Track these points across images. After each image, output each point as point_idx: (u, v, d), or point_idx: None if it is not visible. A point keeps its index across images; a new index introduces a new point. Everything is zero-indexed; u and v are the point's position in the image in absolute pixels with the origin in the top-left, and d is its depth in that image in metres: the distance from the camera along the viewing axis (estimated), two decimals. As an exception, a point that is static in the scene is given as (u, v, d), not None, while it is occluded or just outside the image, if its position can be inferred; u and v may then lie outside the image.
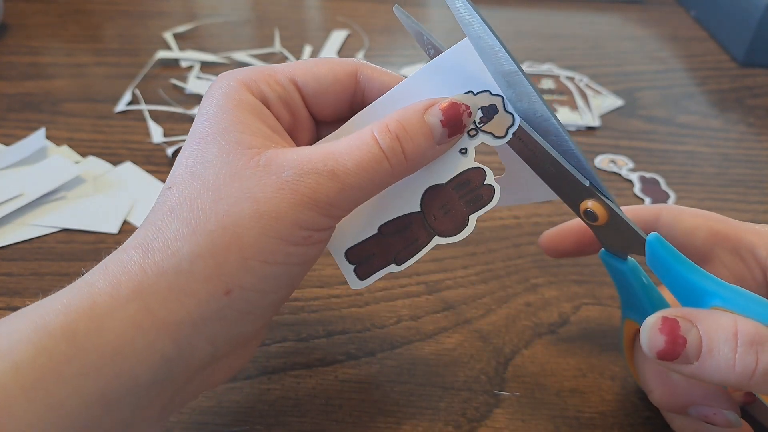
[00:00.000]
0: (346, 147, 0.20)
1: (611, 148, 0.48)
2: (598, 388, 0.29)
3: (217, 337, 0.20)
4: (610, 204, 0.23)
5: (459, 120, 0.22)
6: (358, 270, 0.25)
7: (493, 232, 0.39)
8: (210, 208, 0.19)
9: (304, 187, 0.20)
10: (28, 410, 0.17)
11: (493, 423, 0.28)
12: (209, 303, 0.19)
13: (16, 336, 0.17)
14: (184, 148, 0.21)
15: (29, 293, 0.33)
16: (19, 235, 0.36)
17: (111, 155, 0.44)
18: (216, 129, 0.21)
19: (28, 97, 0.51)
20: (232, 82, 0.22)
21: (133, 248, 0.19)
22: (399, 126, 0.21)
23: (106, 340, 0.18)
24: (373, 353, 0.30)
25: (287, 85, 0.23)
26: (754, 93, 0.57)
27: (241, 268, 0.19)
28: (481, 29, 0.22)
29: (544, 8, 0.74)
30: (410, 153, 0.21)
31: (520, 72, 0.22)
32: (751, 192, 0.44)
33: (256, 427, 0.27)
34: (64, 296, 0.19)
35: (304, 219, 0.20)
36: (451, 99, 0.22)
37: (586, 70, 0.59)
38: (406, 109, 0.22)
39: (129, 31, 0.64)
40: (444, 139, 0.22)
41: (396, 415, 0.28)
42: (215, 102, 0.22)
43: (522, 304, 0.34)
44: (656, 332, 0.21)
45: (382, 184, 0.21)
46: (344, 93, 0.24)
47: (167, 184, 0.21)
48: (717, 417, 0.23)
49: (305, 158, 0.20)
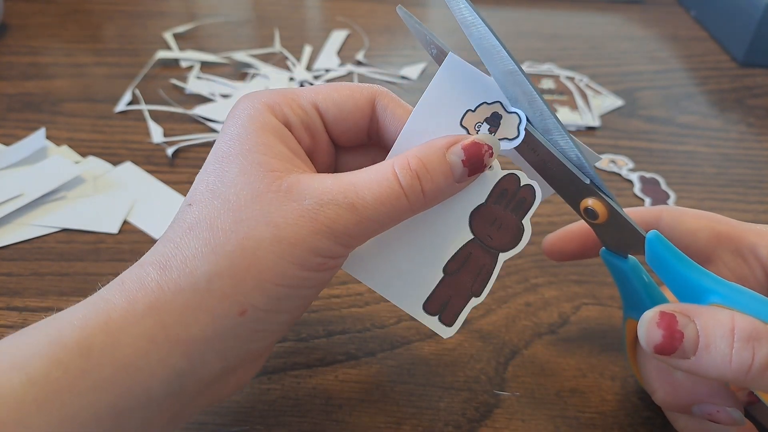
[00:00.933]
0: (367, 181, 0.21)
1: (611, 148, 0.48)
2: (598, 388, 0.29)
3: (229, 353, 0.21)
4: (610, 202, 0.23)
5: (480, 160, 0.22)
6: (443, 318, 0.25)
7: (493, 232, 0.39)
8: (230, 229, 0.20)
9: (323, 217, 0.20)
10: (42, 422, 0.17)
11: (493, 423, 0.28)
12: (224, 321, 0.20)
13: (32, 349, 0.18)
14: (205, 166, 0.22)
15: (29, 293, 0.33)
16: (19, 235, 0.36)
17: (111, 155, 0.44)
18: (239, 149, 0.21)
19: (28, 97, 0.51)
20: (257, 104, 0.22)
21: (150, 264, 0.20)
22: (419, 163, 0.21)
23: (120, 354, 0.18)
24: (373, 353, 0.30)
25: (309, 110, 0.24)
26: (754, 93, 0.57)
27: (257, 289, 0.20)
28: (482, 30, 0.22)
29: (544, 8, 0.74)
30: (429, 191, 0.22)
31: (521, 72, 0.22)
32: (751, 192, 0.44)
33: (256, 426, 0.27)
34: (79, 311, 0.19)
35: (321, 247, 0.20)
36: (474, 138, 0.22)
37: (586, 70, 0.59)
38: (429, 145, 0.22)
39: (129, 31, 0.64)
40: (464, 178, 0.22)
41: (396, 415, 0.28)
42: (239, 123, 0.22)
43: (522, 304, 0.34)
44: (654, 326, 0.21)
45: (399, 218, 0.22)
46: (363, 119, 0.25)
47: (187, 201, 0.21)
48: (721, 414, 0.24)
49: (326, 188, 0.21)
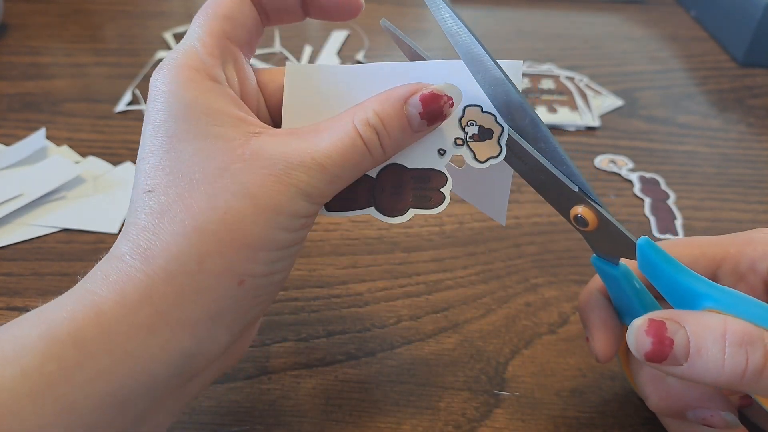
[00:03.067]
0: (330, 140, 0.21)
1: (611, 148, 0.48)
2: (598, 388, 0.29)
3: (235, 325, 0.21)
4: (599, 209, 0.23)
5: (439, 111, 0.22)
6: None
7: (492, 232, 0.39)
8: (207, 207, 0.19)
9: (297, 180, 0.20)
10: (37, 414, 0.17)
11: (493, 423, 0.28)
12: (225, 296, 0.20)
13: (23, 341, 0.18)
14: (150, 150, 0.21)
15: (29, 293, 0.33)
16: (20, 235, 0.37)
17: (111, 155, 0.44)
18: (185, 125, 0.20)
19: (28, 97, 0.51)
20: (180, 69, 0.21)
21: (129, 255, 0.19)
22: (377, 120, 0.21)
23: (116, 345, 0.18)
24: (373, 353, 0.30)
25: (223, 44, 0.22)
26: (754, 93, 0.57)
27: (250, 260, 0.20)
28: (467, 39, 0.22)
29: (544, 8, 0.74)
30: (387, 145, 0.22)
31: (508, 81, 0.22)
32: (751, 192, 0.44)
33: (256, 427, 0.27)
34: (67, 304, 0.19)
35: (299, 209, 0.21)
36: (434, 89, 0.21)
37: (586, 70, 0.59)
38: (387, 96, 0.22)
39: (129, 31, 0.64)
40: (422, 128, 0.22)
41: (396, 415, 0.28)
42: (172, 97, 0.21)
43: (522, 304, 0.34)
44: (642, 334, 0.21)
45: (363, 171, 0.22)
46: (255, 15, 0.24)
47: (144, 188, 0.20)
48: (715, 419, 0.24)
49: (293, 151, 0.21)
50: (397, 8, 0.72)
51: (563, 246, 0.38)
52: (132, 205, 0.21)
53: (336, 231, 0.38)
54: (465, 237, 0.38)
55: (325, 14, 0.25)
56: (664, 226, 0.40)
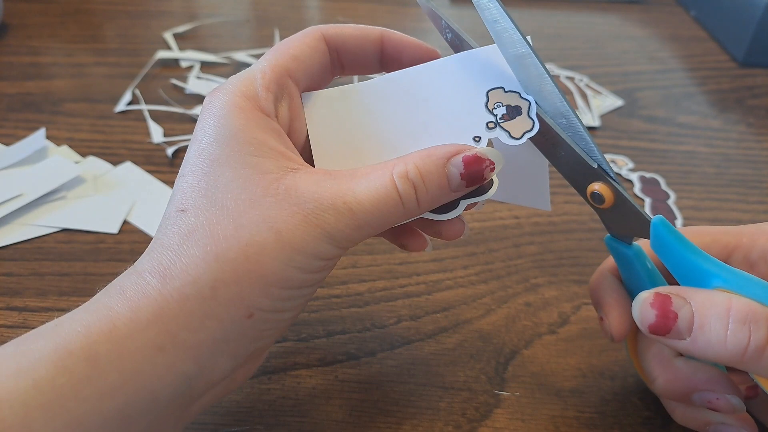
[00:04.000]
0: (365, 187, 0.21)
1: (611, 148, 0.48)
2: (597, 388, 0.29)
3: (238, 353, 0.21)
4: (617, 186, 0.23)
5: (480, 174, 0.22)
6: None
7: (493, 232, 0.39)
8: (231, 236, 0.20)
9: (324, 222, 0.20)
10: (47, 427, 0.17)
11: (493, 423, 0.28)
12: (232, 325, 0.20)
13: (36, 355, 0.18)
14: (191, 169, 0.21)
15: (29, 293, 0.33)
16: (20, 235, 0.37)
17: (111, 155, 0.44)
18: (228, 152, 0.21)
19: (28, 97, 0.51)
20: (233, 97, 0.22)
21: (149, 273, 0.20)
22: (417, 174, 0.21)
23: (126, 362, 0.18)
24: (373, 353, 0.30)
25: (282, 80, 0.23)
26: (754, 93, 0.57)
27: (262, 294, 0.20)
28: (496, 12, 0.22)
29: (544, 8, 0.74)
30: (423, 201, 0.22)
31: (534, 54, 0.22)
32: (751, 192, 0.44)
33: (257, 426, 0.27)
34: (82, 318, 0.19)
35: (322, 251, 0.21)
36: (477, 152, 0.22)
37: (586, 70, 0.59)
38: (429, 153, 0.22)
39: (129, 31, 0.64)
40: (461, 189, 0.22)
41: (396, 415, 0.28)
42: (221, 122, 0.21)
43: (522, 304, 0.34)
44: (647, 306, 0.21)
45: (393, 222, 0.22)
46: (326, 62, 0.25)
47: (178, 206, 0.21)
48: (720, 402, 0.24)
49: (325, 192, 0.21)
50: (398, 8, 0.72)
51: (563, 246, 0.38)
52: (163, 221, 0.21)
53: (336, 231, 0.38)
54: (465, 237, 0.38)
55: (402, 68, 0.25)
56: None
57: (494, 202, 0.41)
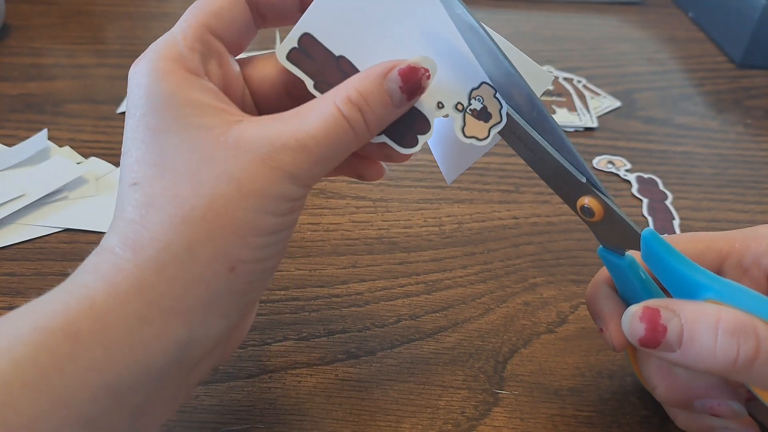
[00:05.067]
0: (314, 121, 0.21)
1: (609, 149, 0.48)
2: (596, 387, 0.30)
3: (229, 311, 0.21)
4: (606, 200, 0.23)
5: (418, 84, 0.22)
6: (292, 52, 0.23)
7: (491, 232, 0.39)
8: (192, 196, 0.19)
9: (282, 163, 0.20)
10: (31, 406, 0.17)
11: (492, 422, 0.28)
12: (217, 283, 0.20)
13: (15, 334, 0.17)
14: (132, 144, 0.21)
15: (31, 293, 0.33)
16: (22, 235, 0.37)
17: (113, 156, 0.44)
18: (165, 118, 0.20)
19: (30, 98, 0.51)
20: (158, 63, 0.21)
21: (119, 247, 0.19)
22: (359, 97, 0.21)
23: (110, 336, 0.18)
24: (373, 352, 0.31)
25: (205, 38, 0.23)
26: (752, 94, 0.58)
27: (240, 245, 0.20)
28: (479, 33, 0.22)
29: (542, 10, 0.75)
30: (371, 121, 0.22)
31: (517, 74, 0.22)
32: (749, 192, 0.44)
33: (257, 425, 0.27)
34: (60, 298, 0.19)
35: (286, 192, 0.20)
36: (410, 62, 0.22)
37: (584, 72, 0.60)
38: (366, 74, 0.22)
39: (131, 32, 0.64)
40: (403, 103, 0.22)
41: (396, 414, 0.28)
42: (152, 89, 0.21)
43: (520, 304, 0.34)
44: (636, 320, 0.21)
45: (348, 151, 0.22)
46: (248, 16, 0.24)
47: (129, 181, 0.20)
48: (722, 408, 0.24)
49: (275, 133, 0.20)
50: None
51: (562, 246, 0.38)
52: (119, 199, 0.21)
53: (336, 231, 0.38)
54: (464, 237, 0.39)
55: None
56: (661, 226, 0.40)
57: (493, 203, 0.41)
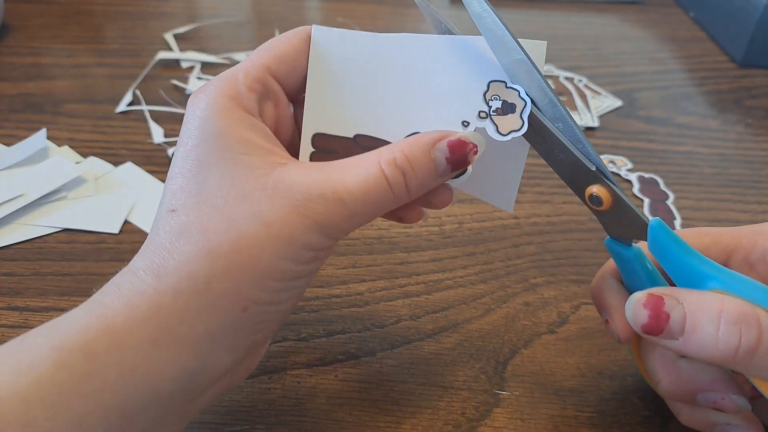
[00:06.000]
0: (354, 176, 0.21)
1: (610, 148, 0.48)
2: (597, 388, 0.29)
3: (236, 347, 0.21)
4: (615, 189, 0.23)
5: (465, 157, 0.22)
6: (313, 156, 0.25)
7: (492, 232, 0.39)
8: (223, 231, 0.20)
9: (313, 212, 0.20)
10: (49, 424, 0.17)
11: (493, 422, 0.28)
12: (227, 318, 0.20)
13: (35, 353, 0.18)
14: (179, 171, 0.21)
15: (30, 293, 0.33)
16: (20, 235, 0.37)
17: (112, 156, 0.44)
18: (214, 152, 0.21)
19: (29, 97, 0.51)
20: (216, 98, 0.22)
21: (143, 271, 0.20)
22: (405, 161, 0.22)
23: (124, 358, 0.19)
24: (373, 353, 0.31)
25: (264, 79, 0.23)
26: (753, 94, 0.58)
27: (255, 287, 0.20)
28: (492, 21, 0.22)
29: (543, 9, 0.75)
30: (412, 187, 0.22)
31: (530, 62, 0.22)
32: (749, 192, 0.44)
33: (257, 426, 0.27)
34: (80, 317, 0.19)
35: (312, 242, 0.21)
36: (461, 136, 0.22)
37: (585, 71, 0.59)
38: (415, 140, 0.22)
39: (130, 32, 0.64)
40: (447, 174, 0.23)
41: (396, 415, 0.28)
42: (206, 123, 0.21)
43: (521, 304, 0.34)
44: (640, 307, 0.22)
45: (384, 210, 0.22)
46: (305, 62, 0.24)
47: (169, 207, 0.21)
48: (725, 402, 0.24)
49: (314, 182, 0.21)
50: (398, 8, 0.72)
51: (562, 246, 0.38)
52: (155, 222, 0.21)
53: (336, 231, 0.38)
54: (464, 237, 0.38)
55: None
56: (662, 226, 0.40)
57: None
